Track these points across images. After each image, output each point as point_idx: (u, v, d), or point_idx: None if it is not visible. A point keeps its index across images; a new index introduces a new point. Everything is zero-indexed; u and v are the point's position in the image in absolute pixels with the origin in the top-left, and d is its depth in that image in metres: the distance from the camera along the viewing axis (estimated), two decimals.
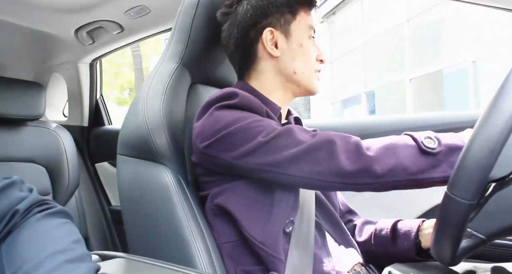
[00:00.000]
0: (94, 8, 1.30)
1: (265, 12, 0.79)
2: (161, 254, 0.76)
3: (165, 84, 0.84)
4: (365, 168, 0.63)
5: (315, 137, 0.67)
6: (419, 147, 0.63)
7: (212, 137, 0.70)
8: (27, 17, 1.35)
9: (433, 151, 0.62)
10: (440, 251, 0.56)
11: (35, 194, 0.53)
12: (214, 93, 0.76)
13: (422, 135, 0.65)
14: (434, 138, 0.64)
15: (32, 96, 1.30)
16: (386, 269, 0.85)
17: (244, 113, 0.71)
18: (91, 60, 1.70)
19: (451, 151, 0.63)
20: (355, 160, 0.63)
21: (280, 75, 0.81)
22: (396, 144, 0.65)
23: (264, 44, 0.80)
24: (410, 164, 0.63)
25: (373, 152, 0.64)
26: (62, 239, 0.47)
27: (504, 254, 0.93)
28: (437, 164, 0.63)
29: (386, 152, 0.64)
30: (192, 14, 0.88)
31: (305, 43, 0.81)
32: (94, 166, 1.75)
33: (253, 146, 0.67)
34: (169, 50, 0.91)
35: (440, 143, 0.63)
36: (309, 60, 0.81)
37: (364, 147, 0.65)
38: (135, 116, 0.82)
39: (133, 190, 0.83)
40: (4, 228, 0.47)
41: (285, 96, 0.84)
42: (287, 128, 0.68)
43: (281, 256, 0.69)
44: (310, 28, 0.82)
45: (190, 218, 0.74)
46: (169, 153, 0.78)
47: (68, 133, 1.44)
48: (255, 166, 0.68)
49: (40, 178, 1.33)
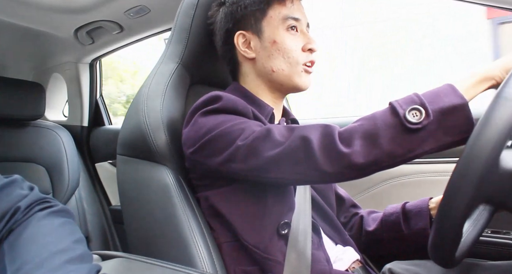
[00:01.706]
0: (94, 8, 1.30)
1: (235, 16, 0.80)
2: (162, 254, 0.76)
3: (165, 85, 0.84)
4: (346, 165, 0.58)
5: (292, 135, 0.63)
6: (403, 124, 0.56)
7: (196, 143, 0.70)
8: (27, 17, 1.35)
9: (419, 126, 0.56)
10: (438, 255, 0.56)
11: (36, 192, 0.53)
12: (200, 98, 0.75)
13: (407, 107, 0.57)
14: (421, 107, 0.57)
15: (32, 96, 1.30)
16: (386, 266, 0.85)
17: (228, 116, 0.70)
18: (91, 60, 1.69)
19: (444, 115, 0.56)
20: (333, 158, 0.59)
21: (261, 76, 0.81)
22: (377, 128, 0.58)
23: (237, 49, 0.81)
24: (396, 147, 0.57)
25: (352, 146, 0.58)
26: (63, 239, 0.47)
27: (502, 253, 0.93)
28: (427, 136, 0.57)
29: (367, 143, 0.58)
30: (191, 15, 0.88)
31: (279, 38, 0.77)
32: (94, 165, 1.75)
33: (233, 150, 0.66)
34: (169, 51, 0.92)
35: (428, 112, 0.56)
36: (289, 54, 0.77)
37: (341, 141, 0.59)
38: (135, 116, 0.82)
39: (133, 190, 0.83)
40: (5, 225, 0.47)
41: (274, 96, 0.83)
42: (265, 129, 0.65)
43: (278, 258, 0.69)
44: (285, 19, 0.77)
45: (191, 218, 0.74)
46: (169, 153, 0.78)
47: (68, 133, 1.44)
48: (239, 171, 0.67)
49: (40, 178, 1.33)
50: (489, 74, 0.61)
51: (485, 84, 0.61)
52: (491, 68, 0.61)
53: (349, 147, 0.58)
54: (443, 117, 0.56)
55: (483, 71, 0.61)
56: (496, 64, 0.62)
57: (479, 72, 0.61)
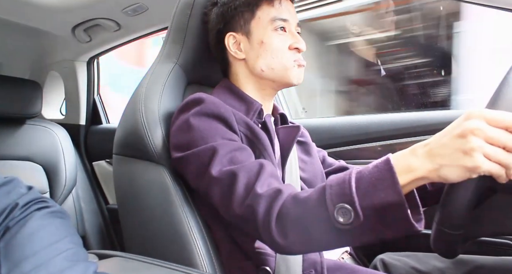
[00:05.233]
0: (91, 6, 1.29)
1: (225, 17, 0.81)
2: (160, 253, 0.76)
3: (162, 84, 0.84)
4: (282, 251, 0.61)
5: (247, 199, 0.61)
6: (333, 223, 0.52)
7: (174, 152, 0.74)
8: (24, 15, 1.34)
9: (348, 227, 0.51)
10: (441, 247, 0.56)
11: (34, 191, 0.53)
12: (184, 100, 0.76)
13: (337, 202, 0.52)
14: (349, 206, 0.50)
15: (29, 94, 1.30)
16: (377, 257, 0.86)
17: (206, 123, 0.71)
18: (89, 58, 1.69)
19: (379, 212, 0.50)
20: (272, 244, 0.59)
21: (252, 75, 0.82)
22: (309, 221, 0.55)
23: (228, 50, 0.82)
24: (330, 242, 0.57)
25: (287, 237, 0.57)
26: (59, 238, 0.47)
27: (500, 251, 0.94)
28: (362, 233, 0.52)
29: (301, 233, 0.56)
30: (187, 14, 0.88)
31: (266, 39, 0.79)
32: (92, 164, 1.75)
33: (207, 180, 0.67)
34: (165, 50, 0.91)
35: (358, 212, 0.50)
36: (277, 54, 0.79)
37: (277, 228, 0.57)
38: (132, 115, 0.82)
39: (130, 189, 0.83)
40: (3, 222, 0.47)
41: (264, 93, 0.84)
42: (230, 175, 0.64)
43: (269, 251, 0.71)
44: (273, 20, 0.79)
45: (189, 216, 0.75)
46: (167, 153, 0.78)
47: (65, 132, 1.44)
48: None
49: (37, 176, 1.32)
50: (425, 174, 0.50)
51: (422, 182, 0.51)
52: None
53: (285, 238, 0.57)
54: (377, 214, 0.50)
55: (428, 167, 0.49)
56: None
57: (424, 168, 0.49)
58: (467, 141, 0.45)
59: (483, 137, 0.45)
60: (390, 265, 0.84)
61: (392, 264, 0.84)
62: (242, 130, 0.74)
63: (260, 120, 0.80)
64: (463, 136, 0.46)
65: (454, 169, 0.47)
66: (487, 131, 0.45)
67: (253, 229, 0.61)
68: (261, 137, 0.74)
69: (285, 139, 0.83)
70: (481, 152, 0.45)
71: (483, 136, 0.45)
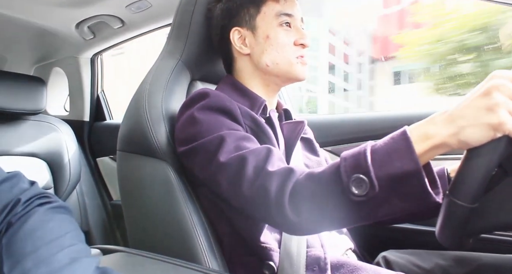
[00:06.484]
0: (95, 3, 1.29)
1: (231, 12, 0.82)
2: (163, 248, 0.77)
3: (166, 81, 0.84)
4: (294, 228, 0.59)
5: (257, 181, 0.60)
6: (347, 195, 0.51)
7: (180, 146, 0.73)
8: (28, 11, 1.35)
9: (364, 198, 0.50)
10: (448, 238, 0.55)
11: (37, 187, 0.54)
12: (189, 95, 0.76)
13: (351, 174, 0.51)
14: (364, 176, 0.50)
15: (33, 90, 1.30)
16: (381, 254, 0.86)
17: (212, 117, 0.71)
18: (92, 54, 1.69)
19: (395, 182, 0.49)
20: (284, 222, 0.58)
21: (257, 71, 0.83)
22: (323, 195, 0.54)
23: (233, 45, 0.82)
24: (344, 216, 0.54)
25: (300, 213, 0.56)
26: (62, 234, 0.47)
27: (503, 249, 0.94)
28: (378, 205, 0.51)
29: (315, 208, 0.55)
30: (191, 11, 0.88)
31: (272, 34, 0.79)
32: (95, 160, 1.75)
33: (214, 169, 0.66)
34: (169, 47, 0.91)
35: (373, 183, 0.49)
36: (282, 49, 0.79)
37: (290, 205, 0.56)
38: (136, 112, 0.82)
39: (133, 185, 0.84)
40: (5, 217, 0.47)
41: (269, 89, 0.84)
42: (239, 159, 0.63)
43: (273, 246, 0.71)
44: (279, 16, 0.79)
45: (192, 212, 0.75)
46: (170, 149, 0.78)
47: (69, 128, 1.44)
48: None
49: (41, 172, 1.33)
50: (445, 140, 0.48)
51: (441, 150, 0.49)
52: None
53: (298, 215, 0.56)
54: (394, 185, 0.49)
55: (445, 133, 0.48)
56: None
57: (443, 133, 0.48)
58: (491, 97, 0.44)
59: (508, 93, 0.44)
60: (393, 262, 0.84)
61: (395, 261, 0.84)
62: (247, 123, 0.74)
63: (265, 116, 0.80)
64: (488, 93, 0.45)
65: (477, 129, 0.45)
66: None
67: (264, 211, 0.59)
68: (266, 131, 0.74)
69: (290, 134, 0.83)
70: (506, 108, 0.44)
71: (508, 93, 0.44)
